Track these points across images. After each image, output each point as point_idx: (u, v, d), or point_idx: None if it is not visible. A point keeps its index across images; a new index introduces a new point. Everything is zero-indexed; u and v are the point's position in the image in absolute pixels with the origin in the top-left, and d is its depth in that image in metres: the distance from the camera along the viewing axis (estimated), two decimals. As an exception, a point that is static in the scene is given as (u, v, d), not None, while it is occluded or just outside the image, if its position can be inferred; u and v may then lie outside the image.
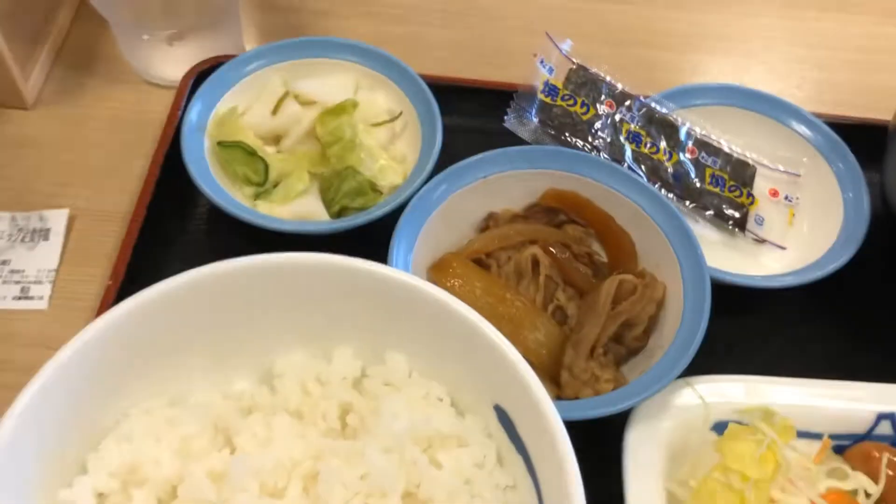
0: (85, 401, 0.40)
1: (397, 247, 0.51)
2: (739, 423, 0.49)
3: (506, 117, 0.60)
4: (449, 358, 0.43)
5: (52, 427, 0.38)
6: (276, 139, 0.63)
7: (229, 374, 0.46)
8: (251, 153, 0.59)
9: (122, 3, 0.61)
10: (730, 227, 0.60)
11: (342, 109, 0.61)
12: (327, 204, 0.59)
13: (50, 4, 0.71)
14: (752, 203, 0.61)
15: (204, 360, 0.44)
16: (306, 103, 0.63)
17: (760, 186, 0.62)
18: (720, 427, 0.49)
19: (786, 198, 0.62)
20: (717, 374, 0.51)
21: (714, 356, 0.51)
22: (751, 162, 0.62)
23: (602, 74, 0.63)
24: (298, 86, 0.63)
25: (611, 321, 0.51)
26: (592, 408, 0.47)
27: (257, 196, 0.60)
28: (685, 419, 0.50)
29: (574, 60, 0.63)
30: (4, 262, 0.59)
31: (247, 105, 0.62)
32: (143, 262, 0.57)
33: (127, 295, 0.54)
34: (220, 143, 0.59)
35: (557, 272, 0.54)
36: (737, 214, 0.60)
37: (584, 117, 0.60)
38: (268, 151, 0.61)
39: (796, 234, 0.61)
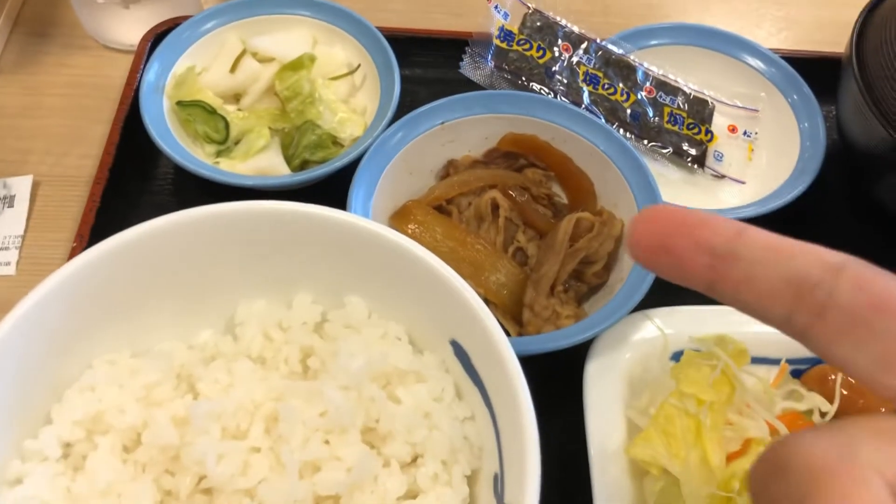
0: (47, 353, 0.41)
1: (356, 194, 0.52)
2: (697, 350, 0.50)
3: (461, 63, 0.61)
4: (406, 298, 0.44)
5: (16, 380, 0.39)
6: (235, 97, 0.63)
7: (193, 325, 0.46)
8: (211, 111, 0.59)
9: (73, -34, 0.61)
10: (689, 163, 0.60)
11: (300, 64, 0.61)
12: (288, 159, 0.60)
13: (4, -28, 0.70)
14: (710, 140, 0.61)
15: (166, 312, 0.45)
16: (264, 60, 0.63)
17: (719, 123, 0.63)
18: (679, 357, 0.50)
19: (744, 133, 0.62)
20: (677, 306, 0.52)
21: (673, 290, 0.50)
22: (709, 99, 0.63)
23: (558, 18, 0.63)
24: (256, 43, 0.63)
25: (569, 258, 0.52)
26: (551, 341, 0.48)
27: (219, 154, 0.60)
28: (644, 351, 0.51)
29: (529, 5, 0.63)
30: (-30, 231, 0.59)
31: (205, 65, 0.62)
32: (107, 225, 0.57)
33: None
34: (179, 103, 0.59)
35: (517, 215, 0.55)
36: (694, 151, 0.60)
37: (541, 61, 0.60)
38: (228, 110, 0.61)
39: (755, 168, 0.62)
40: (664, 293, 0.51)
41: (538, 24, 0.62)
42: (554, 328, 0.51)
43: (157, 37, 0.64)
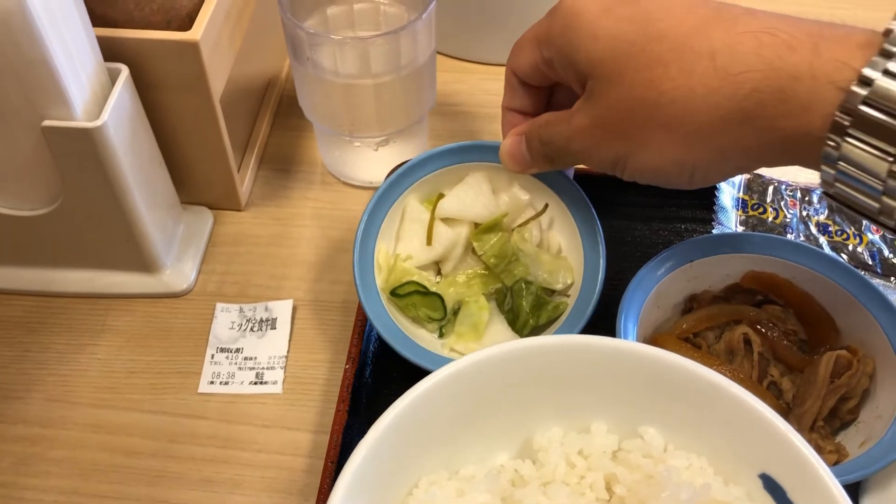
0: (384, 476, 0.44)
1: (625, 327, 0.55)
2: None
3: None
4: (706, 430, 0.46)
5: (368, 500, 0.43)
6: (434, 266, 0.63)
7: (490, 449, 0.49)
8: (426, 293, 0.60)
9: (344, 118, 0.68)
10: (939, 291, 0.63)
11: (494, 225, 0.61)
12: (517, 330, 0.60)
13: (253, 115, 0.78)
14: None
15: (469, 437, 0.48)
16: (452, 222, 0.62)
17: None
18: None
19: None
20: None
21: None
22: None
23: (776, 178, 0.67)
24: (441, 209, 0.61)
25: (831, 395, 0.54)
26: (840, 475, 0.49)
27: (441, 329, 0.60)
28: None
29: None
30: (238, 350, 0.64)
31: (394, 240, 0.62)
32: (366, 348, 0.61)
33: (361, 377, 0.59)
34: (394, 294, 0.59)
35: (768, 349, 0.57)
36: (940, 278, 0.63)
37: (777, 221, 0.64)
38: (433, 282, 0.61)
39: None
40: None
41: (762, 186, 0.66)
42: (818, 463, 0.53)
43: (399, 175, 0.71)
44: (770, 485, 0.44)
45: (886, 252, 0.63)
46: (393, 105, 0.67)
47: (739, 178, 0.67)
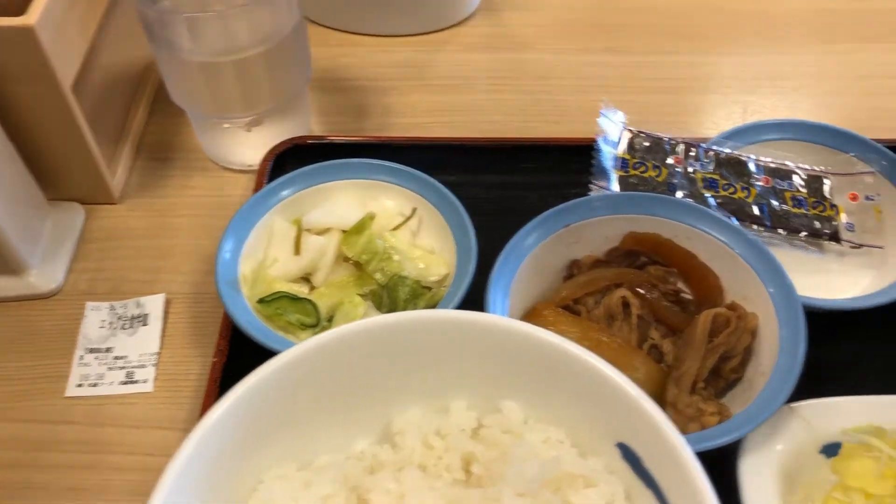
0: (222, 471, 0.41)
1: (493, 299, 0.53)
2: (850, 443, 0.49)
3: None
4: (564, 402, 0.44)
5: (197, 497, 0.40)
6: (304, 279, 0.61)
7: (348, 436, 0.47)
8: (295, 298, 0.58)
9: (206, 98, 0.64)
10: (826, 241, 0.61)
11: (363, 226, 0.60)
12: None
13: (127, 104, 0.75)
14: (837, 213, 0.62)
15: (324, 425, 0.46)
16: (319, 233, 0.62)
17: (839, 195, 0.63)
18: (829, 449, 0.50)
19: (866, 198, 0.62)
20: (819, 397, 0.52)
21: (814, 380, 0.51)
22: (822, 175, 0.63)
23: (661, 134, 0.65)
24: (307, 220, 0.62)
25: (710, 354, 0.52)
26: (706, 440, 0.47)
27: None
28: (794, 443, 0.50)
29: (631, 129, 0.65)
30: (108, 350, 0.61)
31: (262, 257, 0.61)
32: (242, 339, 0.58)
33: (231, 369, 0.56)
34: (260, 301, 0.57)
35: (648, 312, 0.55)
36: (827, 229, 0.61)
37: (660, 179, 0.62)
38: (305, 292, 0.60)
39: (890, 229, 0.62)
40: (805, 385, 0.50)
41: (646, 144, 0.64)
42: (699, 426, 0.51)
43: (277, 156, 0.68)
44: (627, 454, 0.42)
45: (775, 203, 0.61)
46: (258, 82, 0.64)
47: (619, 136, 0.64)
